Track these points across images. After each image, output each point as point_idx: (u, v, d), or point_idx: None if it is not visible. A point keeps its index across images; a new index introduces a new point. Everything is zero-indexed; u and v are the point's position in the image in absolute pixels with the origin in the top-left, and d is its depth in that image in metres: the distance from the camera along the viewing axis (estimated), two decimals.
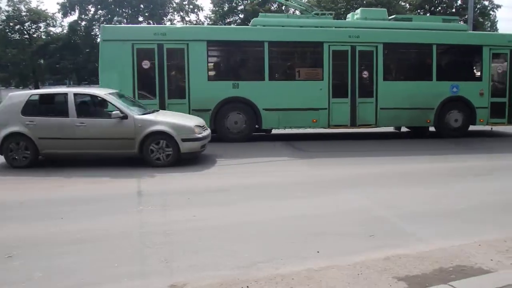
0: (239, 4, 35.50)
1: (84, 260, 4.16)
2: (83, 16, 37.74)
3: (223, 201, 6.15)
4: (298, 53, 12.67)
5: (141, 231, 4.94)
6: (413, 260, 3.99)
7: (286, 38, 11.78)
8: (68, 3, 36.73)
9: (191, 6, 30.02)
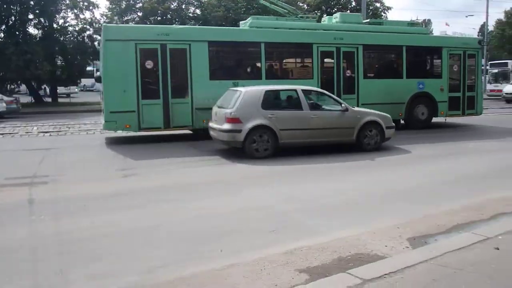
0: (137, 2, 33.98)
1: None
2: None
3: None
4: (291, 53, 13.62)
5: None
6: (314, 252, 4.13)
7: (280, 39, 12.67)
8: None
9: (86, 3, 28.02)
